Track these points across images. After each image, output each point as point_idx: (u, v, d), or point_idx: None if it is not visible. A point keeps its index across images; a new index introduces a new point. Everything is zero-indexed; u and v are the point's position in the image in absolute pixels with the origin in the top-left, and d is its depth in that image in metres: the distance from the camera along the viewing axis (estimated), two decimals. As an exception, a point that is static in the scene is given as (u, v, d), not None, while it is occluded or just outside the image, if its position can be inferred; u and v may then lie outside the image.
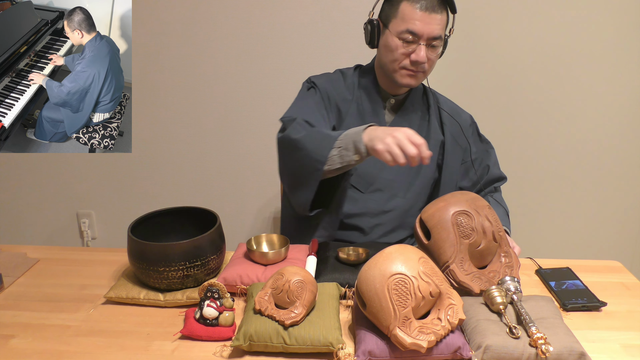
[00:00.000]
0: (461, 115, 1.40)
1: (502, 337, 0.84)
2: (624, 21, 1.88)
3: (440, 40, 1.21)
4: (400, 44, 1.20)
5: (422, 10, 1.16)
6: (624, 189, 2.09)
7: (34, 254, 1.26)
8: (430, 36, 1.18)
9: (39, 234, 2.32)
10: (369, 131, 1.02)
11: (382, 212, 1.33)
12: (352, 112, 1.31)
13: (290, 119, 1.23)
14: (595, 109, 1.99)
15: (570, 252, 2.16)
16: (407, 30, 1.18)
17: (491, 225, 1.03)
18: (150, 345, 0.91)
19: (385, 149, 0.97)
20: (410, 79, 1.24)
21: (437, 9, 1.18)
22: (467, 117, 1.41)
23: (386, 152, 0.97)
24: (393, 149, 0.95)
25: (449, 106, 1.40)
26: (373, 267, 0.87)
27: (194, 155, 2.12)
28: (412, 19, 1.17)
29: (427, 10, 1.17)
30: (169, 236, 1.15)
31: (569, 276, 1.13)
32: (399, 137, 0.96)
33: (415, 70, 1.22)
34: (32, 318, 0.99)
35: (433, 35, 1.18)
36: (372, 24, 1.25)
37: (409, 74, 1.24)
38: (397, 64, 1.23)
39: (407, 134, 0.96)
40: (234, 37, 1.94)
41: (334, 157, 1.07)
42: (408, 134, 0.96)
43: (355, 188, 1.33)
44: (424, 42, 1.19)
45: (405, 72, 1.23)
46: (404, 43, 1.20)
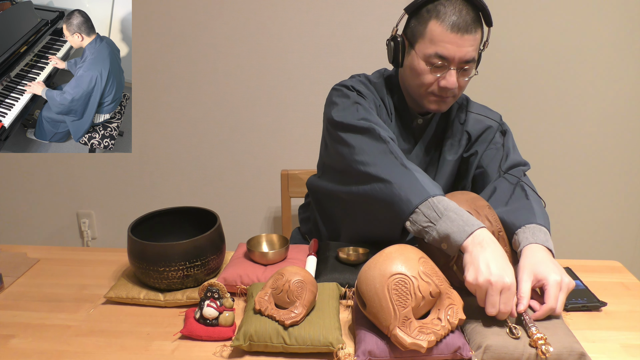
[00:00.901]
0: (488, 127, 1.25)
1: (502, 337, 0.84)
2: (624, 21, 1.88)
3: (473, 63, 1.08)
4: (428, 69, 1.08)
5: (453, 31, 1.02)
6: (624, 189, 2.09)
7: (34, 254, 1.26)
8: (463, 60, 1.06)
9: (39, 234, 2.32)
10: (476, 240, 0.88)
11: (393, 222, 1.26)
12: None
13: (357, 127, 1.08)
14: (595, 109, 1.99)
15: (570, 252, 2.16)
16: (436, 54, 1.05)
17: (491, 225, 1.02)
18: (150, 345, 0.91)
19: (474, 285, 0.86)
20: (438, 105, 1.13)
21: (470, 28, 1.03)
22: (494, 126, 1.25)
23: (472, 288, 0.87)
24: (480, 292, 0.86)
25: (477, 114, 1.26)
26: (373, 267, 0.87)
27: (194, 155, 2.12)
28: (442, 41, 1.04)
29: (460, 31, 1.02)
30: (169, 236, 1.15)
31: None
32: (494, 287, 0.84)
33: (444, 95, 1.11)
34: (32, 318, 0.99)
35: (466, 59, 1.05)
36: (396, 42, 1.11)
37: (437, 100, 1.12)
38: (424, 89, 1.11)
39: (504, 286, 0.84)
40: (234, 37, 1.94)
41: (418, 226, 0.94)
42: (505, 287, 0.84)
43: None
44: (454, 66, 1.06)
45: (433, 98, 1.12)
46: (433, 68, 1.07)
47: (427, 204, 0.94)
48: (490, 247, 0.87)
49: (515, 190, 1.10)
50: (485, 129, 1.24)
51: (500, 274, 0.84)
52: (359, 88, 1.18)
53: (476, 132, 1.24)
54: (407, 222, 0.97)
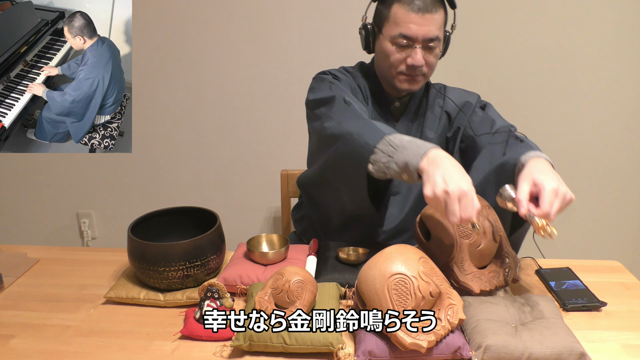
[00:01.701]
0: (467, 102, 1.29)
1: (502, 337, 0.84)
2: (624, 21, 1.88)
3: (437, 41, 1.15)
4: (394, 50, 1.15)
5: (414, 11, 1.10)
6: (623, 189, 2.09)
7: (34, 254, 1.26)
8: (426, 38, 1.12)
9: (39, 234, 2.32)
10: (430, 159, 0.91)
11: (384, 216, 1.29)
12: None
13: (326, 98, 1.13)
14: (595, 109, 1.99)
15: (570, 252, 2.16)
16: (400, 34, 1.12)
17: (491, 225, 1.03)
18: (150, 345, 0.91)
19: (432, 199, 0.88)
20: (409, 84, 1.19)
21: (431, 8, 1.11)
22: (472, 101, 1.29)
23: (432, 202, 0.89)
24: (439, 204, 0.87)
25: (455, 95, 1.31)
26: (373, 267, 0.87)
27: (194, 155, 2.12)
28: (405, 22, 1.11)
29: (421, 11, 1.10)
30: (169, 236, 1.15)
31: (569, 276, 1.13)
32: (452, 196, 0.85)
33: (413, 74, 1.17)
34: (32, 318, 0.99)
35: (429, 37, 1.12)
36: (367, 29, 1.20)
37: (407, 79, 1.18)
38: (394, 70, 1.18)
39: (461, 192, 0.85)
40: (234, 37, 1.94)
41: (380, 164, 0.97)
42: (462, 194, 0.86)
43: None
44: (419, 45, 1.13)
45: (403, 77, 1.18)
46: (399, 48, 1.14)
47: (384, 142, 0.97)
48: (445, 162, 0.90)
49: (509, 140, 1.13)
50: (463, 105, 1.27)
51: (457, 183, 0.86)
52: (335, 73, 1.25)
53: (454, 110, 1.28)
54: (369, 166, 0.99)
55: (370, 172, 0.99)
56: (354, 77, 1.29)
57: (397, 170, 0.95)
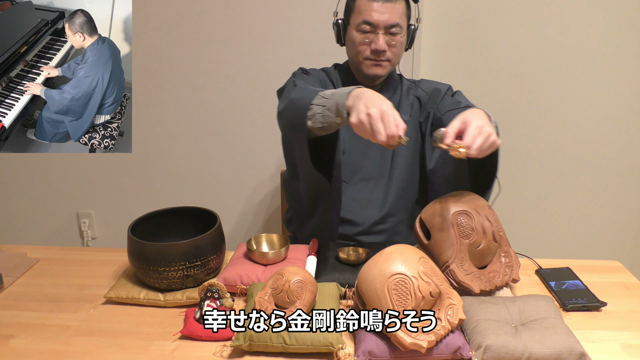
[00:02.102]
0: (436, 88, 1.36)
1: (502, 337, 0.84)
2: (624, 21, 1.88)
3: (399, 27, 1.23)
4: (360, 36, 1.24)
5: (376, 0, 1.21)
6: (623, 189, 2.09)
7: (34, 254, 1.26)
8: (387, 24, 1.21)
9: (39, 234, 2.32)
10: (354, 95, 1.00)
11: (369, 202, 1.34)
12: None
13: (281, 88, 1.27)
14: (595, 109, 1.99)
15: (570, 252, 2.16)
16: (364, 21, 1.22)
17: (491, 225, 1.03)
18: (150, 345, 0.91)
19: (357, 124, 0.95)
20: (376, 69, 1.27)
21: None
22: (442, 89, 1.36)
23: (358, 128, 0.96)
24: (365, 128, 0.94)
25: (427, 85, 1.38)
26: (373, 267, 0.87)
27: (194, 155, 2.12)
28: (367, 10, 1.21)
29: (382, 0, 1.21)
30: (169, 236, 1.15)
31: (569, 276, 1.13)
32: (373, 116, 0.93)
33: (377, 59, 1.25)
34: (32, 318, 0.99)
35: (390, 23, 1.21)
36: (338, 24, 1.30)
37: (373, 64, 1.26)
38: (361, 56, 1.26)
39: (382, 112, 0.93)
40: (234, 36, 1.94)
41: (317, 116, 1.06)
42: (383, 112, 0.93)
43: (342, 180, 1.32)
44: (381, 30, 1.22)
45: (369, 62, 1.26)
46: (363, 34, 1.24)
47: (317, 97, 1.08)
48: (366, 93, 0.98)
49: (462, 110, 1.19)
50: (433, 91, 1.35)
51: (377, 105, 0.93)
52: (306, 69, 1.36)
53: (425, 96, 1.35)
54: (308, 122, 1.08)
55: (311, 129, 1.08)
56: (328, 73, 1.39)
57: (331, 115, 1.04)
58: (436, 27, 1.92)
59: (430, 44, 1.94)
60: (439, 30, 1.93)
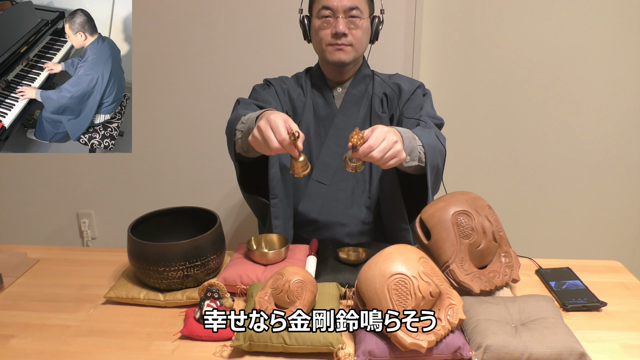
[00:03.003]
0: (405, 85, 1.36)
1: (502, 337, 0.84)
2: (624, 21, 1.88)
3: (358, 11, 1.24)
4: (321, 23, 1.27)
5: None
6: (624, 189, 2.09)
7: (34, 254, 1.26)
8: (346, 7, 1.23)
9: (39, 234, 2.32)
10: (260, 118, 1.01)
11: (352, 201, 1.34)
12: (307, 108, 1.36)
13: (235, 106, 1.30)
14: (595, 109, 1.99)
15: (570, 252, 2.16)
16: (323, 6, 1.24)
17: (491, 225, 1.03)
18: (150, 345, 0.91)
19: (252, 140, 0.99)
20: (339, 53, 1.27)
21: None
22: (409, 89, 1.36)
23: (254, 144, 0.99)
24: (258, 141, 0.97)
25: (395, 81, 1.38)
26: (373, 267, 0.87)
27: (194, 155, 2.12)
28: None
29: None
30: (169, 236, 1.15)
31: (569, 276, 1.13)
32: (262, 127, 0.96)
33: (340, 43, 1.26)
34: (32, 318, 0.99)
35: (348, 6, 1.23)
36: (303, 21, 1.32)
37: (336, 49, 1.27)
38: (323, 43, 1.28)
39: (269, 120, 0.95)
40: (234, 36, 1.94)
41: (238, 141, 1.13)
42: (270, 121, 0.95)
43: (320, 182, 1.34)
44: (341, 14, 1.24)
45: (331, 48, 1.27)
46: (324, 20, 1.26)
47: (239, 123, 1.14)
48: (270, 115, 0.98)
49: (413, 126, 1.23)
50: (401, 90, 1.36)
51: (265, 119, 0.96)
52: (270, 81, 1.41)
53: (395, 95, 1.36)
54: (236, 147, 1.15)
55: (239, 153, 1.16)
56: (298, 78, 1.43)
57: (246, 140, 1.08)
58: (436, 27, 1.92)
59: (430, 44, 1.94)
60: (439, 30, 1.93)
